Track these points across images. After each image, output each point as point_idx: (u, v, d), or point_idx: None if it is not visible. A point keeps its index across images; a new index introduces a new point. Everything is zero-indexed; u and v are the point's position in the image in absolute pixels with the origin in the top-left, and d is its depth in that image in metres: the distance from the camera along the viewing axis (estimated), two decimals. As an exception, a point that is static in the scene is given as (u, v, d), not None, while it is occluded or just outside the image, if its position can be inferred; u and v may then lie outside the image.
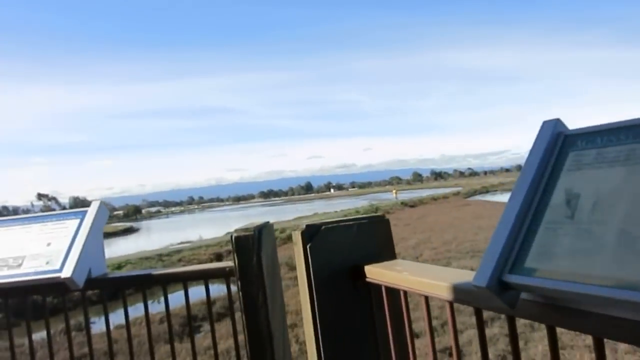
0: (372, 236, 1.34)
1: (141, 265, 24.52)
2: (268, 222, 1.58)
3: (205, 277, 1.62)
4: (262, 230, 1.46)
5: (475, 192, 60.18)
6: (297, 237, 1.29)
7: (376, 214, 1.38)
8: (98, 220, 1.82)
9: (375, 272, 1.23)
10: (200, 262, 21.98)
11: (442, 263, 13.52)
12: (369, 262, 1.28)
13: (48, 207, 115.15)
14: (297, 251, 1.30)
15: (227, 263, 1.59)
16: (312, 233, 1.27)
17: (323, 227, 1.28)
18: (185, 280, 1.66)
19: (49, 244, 1.76)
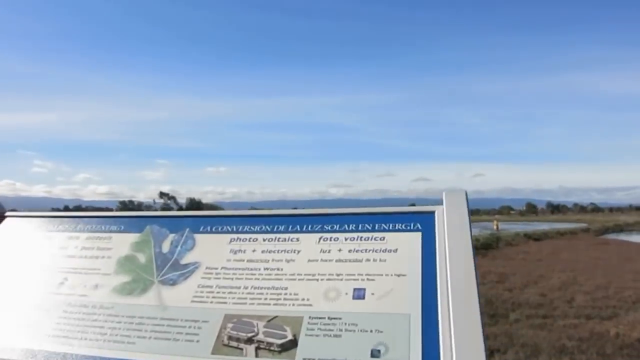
0: None
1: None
2: None
3: None
4: None
5: (607, 230, 53.95)
6: None
7: None
8: (460, 236, 0.79)
9: None
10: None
11: (608, 313, 11.41)
12: None
13: (168, 205, 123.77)
14: None
15: None
16: None
17: None
18: None
19: (363, 294, 0.77)
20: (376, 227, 0.86)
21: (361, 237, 0.84)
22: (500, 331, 10.25)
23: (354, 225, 0.87)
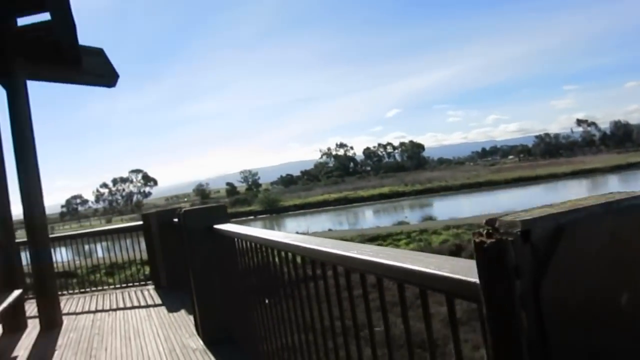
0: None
1: None
2: None
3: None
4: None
5: None
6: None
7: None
8: None
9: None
10: None
11: None
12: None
13: (588, 133, 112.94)
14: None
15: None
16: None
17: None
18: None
19: None
20: None
21: None
22: None
23: None
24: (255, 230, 3.02)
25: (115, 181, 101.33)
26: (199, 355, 3.86)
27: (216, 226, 3.69)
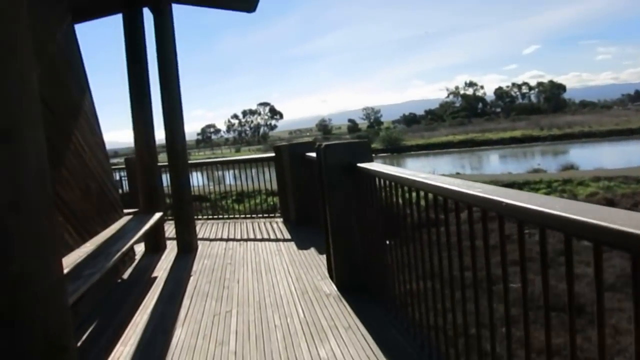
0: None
1: None
2: None
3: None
4: None
5: None
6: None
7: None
8: None
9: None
10: None
11: None
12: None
13: None
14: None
15: None
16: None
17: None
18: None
19: None
20: None
21: None
22: None
23: None
24: (406, 172, 2.52)
25: (244, 113, 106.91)
26: (332, 302, 3.56)
27: (360, 165, 3.24)
